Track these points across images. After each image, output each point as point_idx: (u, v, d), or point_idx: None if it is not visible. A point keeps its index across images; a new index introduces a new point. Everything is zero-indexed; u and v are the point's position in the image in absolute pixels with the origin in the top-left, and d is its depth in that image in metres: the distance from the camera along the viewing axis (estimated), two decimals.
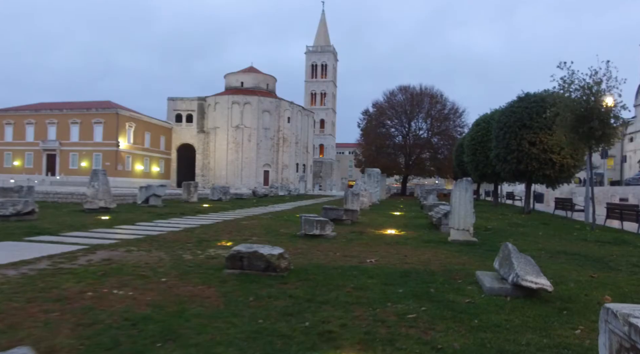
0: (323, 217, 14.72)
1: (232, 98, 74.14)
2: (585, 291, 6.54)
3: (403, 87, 54.75)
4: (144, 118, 70.25)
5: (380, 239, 11.45)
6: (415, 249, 9.80)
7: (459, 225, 10.95)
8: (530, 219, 18.60)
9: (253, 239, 10.85)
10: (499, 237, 12.64)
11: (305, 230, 11.27)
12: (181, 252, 8.81)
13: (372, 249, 9.69)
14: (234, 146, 74.26)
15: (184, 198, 23.83)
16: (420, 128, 55.94)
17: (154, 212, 17.28)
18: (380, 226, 14.62)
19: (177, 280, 6.48)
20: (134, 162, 68.42)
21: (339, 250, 9.49)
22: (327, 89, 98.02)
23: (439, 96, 54.07)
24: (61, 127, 66.05)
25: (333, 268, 7.51)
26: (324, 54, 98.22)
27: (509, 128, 21.29)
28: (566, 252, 10.18)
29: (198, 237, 10.98)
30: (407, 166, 54.45)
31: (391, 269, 7.57)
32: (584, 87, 14.63)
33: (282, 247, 9.92)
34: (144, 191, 19.99)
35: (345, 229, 13.37)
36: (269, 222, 14.72)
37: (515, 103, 21.63)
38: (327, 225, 11.35)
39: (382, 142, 54.41)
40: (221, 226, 13.55)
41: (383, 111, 55.32)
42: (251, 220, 15.51)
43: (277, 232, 12.34)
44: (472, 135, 29.61)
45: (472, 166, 29.49)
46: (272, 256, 6.83)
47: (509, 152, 21.29)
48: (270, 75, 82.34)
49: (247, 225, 13.89)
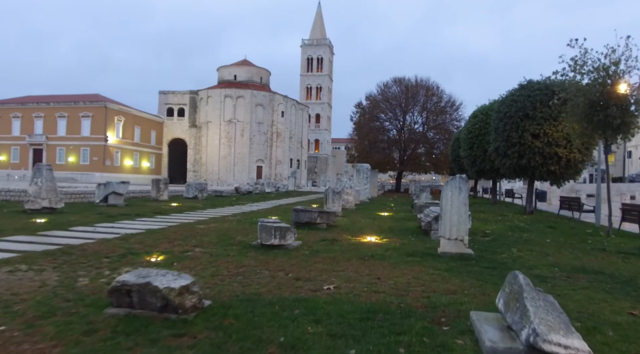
0: (294, 220, 12.53)
1: (224, 91, 71.75)
2: (635, 345, 4.33)
3: (398, 79, 52.01)
4: (134, 112, 67.87)
5: (354, 250, 9.22)
6: (393, 267, 7.57)
7: (451, 233, 8.73)
8: (533, 221, 16.38)
9: (195, 251, 8.64)
10: (500, 246, 10.42)
11: (261, 239, 9.05)
12: (83, 273, 6.61)
13: (338, 267, 7.47)
14: (226, 140, 71.96)
15: (153, 196, 21.58)
16: (415, 122, 53.32)
17: (107, 213, 15.04)
18: (359, 231, 12.39)
19: (24, 328, 4.27)
20: (123, 158, 66.11)
21: (294, 268, 7.27)
22: (322, 83, 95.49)
23: (435, 88, 51.45)
24: (48, 121, 63.66)
25: (269, 302, 5.28)
26: (319, 48, 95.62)
27: (509, 119, 19.02)
28: (585, 270, 7.97)
29: (128, 248, 8.77)
30: (402, 162, 51.92)
31: (352, 303, 5.34)
32: (598, 68, 12.37)
33: (225, 263, 7.77)
34: (102, 188, 17.72)
35: (316, 235, 11.13)
36: (230, 227, 12.50)
37: (517, 91, 19.34)
38: (289, 233, 9.12)
39: (375, 136, 51.80)
40: (170, 231, 11.32)
41: (377, 104, 52.54)
42: (211, 223, 13.28)
43: (231, 240, 10.11)
44: (469, 128, 27.32)
45: (469, 161, 27.22)
46: (170, 290, 4.60)
47: (510, 145, 19.03)
48: (264, 68, 79.92)
49: (203, 230, 11.66)
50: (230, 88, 72.39)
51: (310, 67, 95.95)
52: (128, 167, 66.91)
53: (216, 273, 6.89)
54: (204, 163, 73.27)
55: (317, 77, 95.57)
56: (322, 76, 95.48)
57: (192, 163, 74.08)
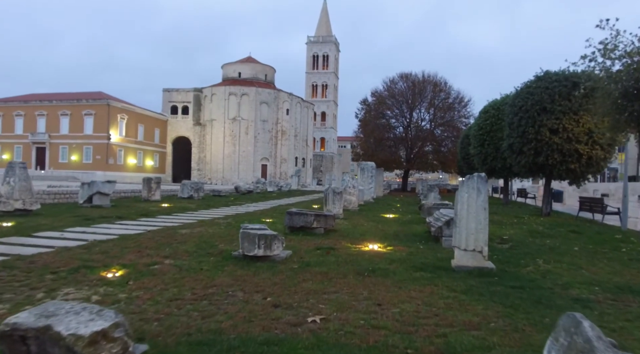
0: (287, 224, 11.12)
1: (229, 89, 70.46)
2: None
3: (404, 75, 49.99)
4: (137, 110, 66.80)
5: (352, 262, 7.80)
6: (398, 287, 6.13)
7: (467, 244, 7.27)
8: (553, 225, 14.84)
9: (163, 264, 7.26)
10: (523, 256, 8.94)
11: (243, 249, 7.65)
12: (8, 297, 5.25)
13: (330, 287, 6.04)
14: (230, 139, 70.70)
15: (144, 196, 20.25)
16: (422, 119, 51.32)
17: (87, 215, 13.71)
18: (361, 236, 10.95)
19: None
20: (127, 156, 65.08)
21: (276, 289, 5.86)
22: (328, 81, 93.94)
23: (442, 83, 49.55)
24: (51, 119, 62.74)
25: (228, 348, 3.87)
26: (325, 45, 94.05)
27: (525, 113, 17.46)
28: (632, 289, 6.48)
29: (86, 260, 7.41)
30: (409, 160, 50.20)
31: (341, 348, 3.92)
32: (632, 52, 10.83)
33: (193, 281, 6.19)
34: (85, 188, 16.39)
35: (310, 242, 9.71)
36: (216, 232, 11.10)
37: (533, 83, 17.75)
38: (276, 242, 7.71)
39: (381, 134, 50.06)
40: (146, 237, 9.93)
41: (383, 100, 50.62)
42: (197, 227, 11.89)
43: (212, 249, 8.72)
44: (479, 124, 25.71)
45: (480, 159, 25.63)
46: (77, 339, 3.20)
47: (525, 142, 17.47)
48: (269, 65, 78.53)
49: (183, 236, 10.28)
50: (234, 85, 71.08)
51: (316, 65, 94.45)
52: (132, 166, 65.87)
53: (177, 295, 5.50)
54: (209, 162, 72.07)
55: (322, 74, 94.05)
56: (328, 74, 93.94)
57: (197, 161, 72.91)
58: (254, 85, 71.64)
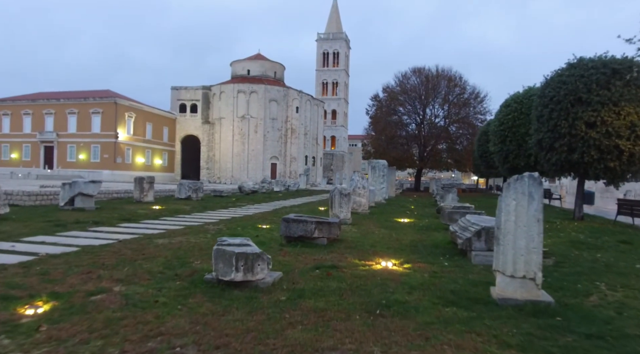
0: (283, 233, 9.26)
1: (237, 87, 68.85)
2: None
3: (417, 69, 47.37)
4: (145, 108, 65.51)
5: (359, 290, 5.91)
6: (424, 338, 4.21)
7: (516, 268, 5.35)
8: (594, 232, 12.75)
9: (109, 293, 5.44)
10: (578, 278, 6.95)
11: (217, 272, 5.81)
12: None
13: (325, 338, 4.16)
14: (239, 137, 69.13)
15: (136, 197, 18.52)
16: (436, 115, 48.77)
17: (61, 220, 11.98)
18: (372, 248, 9.04)
19: None
20: (135, 155, 63.81)
21: (247, 342, 4.00)
22: (339, 78, 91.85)
23: (457, 78, 46.88)
24: (58, 117, 61.71)
25: None
26: (335, 42, 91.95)
27: (557, 105, 15.36)
28: None
29: (14, 284, 5.65)
30: (422, 158, 47.92)
31: None
32: None
33: (133, 325, 4.11)
34: (66, 188, 14.68)
35: (309, 258, 7.83)
36: (199, 243, 9.28)
37: (566, 71, 15.62)
38: (259, 262, 5.85)
39: (393, 131, 47.81)
40: (110, 250, 8.13)
41: (394, 96, 48.04)
42: (178, 236, 10.06)
43: (182, 268, 6.88)
44: (500, 119, 23.56)
45: (500, 156, 23.49)
46: None
47: (557, 137, 15.37)
48: (278, 62, 76.75)
49: (157, 249, 8.47)
50: (243, 83, 69.47)
51: (326, 62, 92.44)
52: (140, 165, 64.59)
53: None
54: (218, 160, 70.58)
55: (333, 72, 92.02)
56: (339, 71, 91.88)
57: (206, 160, 71.47)
58: (263, 82, 69.95)
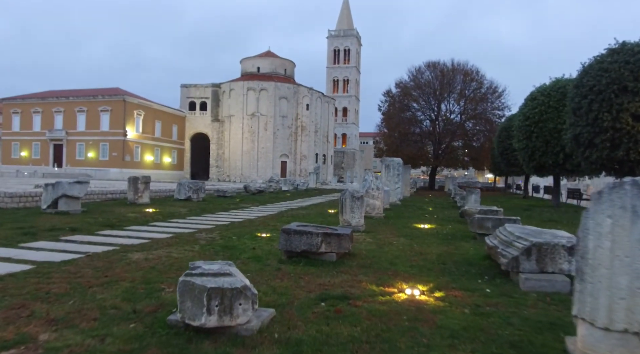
0: (283, 248, 7.56)
1: (247, 84, 67.34)
2: None
3: (431, 63, 44.94)
4: (154, 106, 64.32)
5: (380, 337, 4.16)
6: None
7: (612, 318, 3.58)
8: None
9: (35, 343, 3.78)
10: None
11: (183, 313, 4.12)
12: None
13: None
14: (249, 135, 67.64)
15: (130, 199, 16.95)
16: (451, 111, 46.38)
17: (34, 226, 10.43)
18: (391, 266, 7.29)
19: None
20: (144, 153, 62.65)
21: None
22: (350, 76, 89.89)
23: (474, 72, 44.45)
24: (68, 115, 60.80)
25: None
26: (346, 38, 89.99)
27: (597, 95, 13.47)
28: None
29: None
30: (437, 156, 45.84)
31: None
32: None
33: None
34: (49, 190, 13.14)
35: (312, 282, 6.10)
36: (182, 258, 7.59)
37: (607, 57, 13.72)
38: (241, 300, 4.14)
39: (406, 128, 45.78)
40: (68, 271, 6.48)
41: (408, 92, 45.80)
42: (160, 249, 8.39)
43: (146, 301, 5.18)
44: (525, 113, 21.57)
45: (526, 154, 21.50)
46: None
47: (598, 131, 13.48)
48: (289, 59, 75.09)
49: (128, 266, 6.80)
50: (253, 80, 67.95)
51: (337, 59, 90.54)
52: (149, 163, 63.43)
53: None
54: (227, 158, 69.19)
55: (344, 69, 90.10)
56: (350, 68, 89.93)
57: (215, 158, 70.10)
58: (272, 79, 68.36)
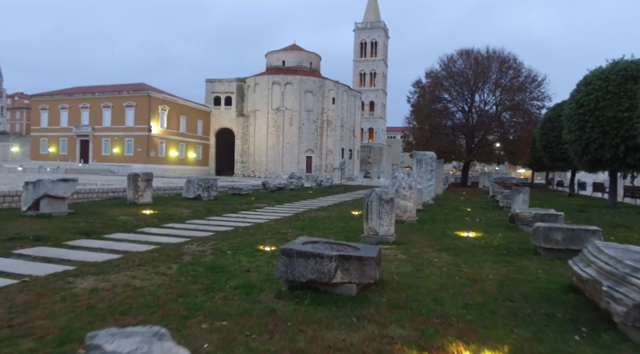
0: (283, 276, 5.32)
1: (272, 78, 65.39)
2: None
3: (464, 51, 41.73)
4: (179, 101, 63.12)
5: None
6: None
7: None
8: None
9: None
10: None
11: None
12: None
13: None
14: (274, 130, 65.75)
15: (129, 198, 15.02)
16: (486, 102, 42.83)
17: None
18: (436, 307, 4.90)
19: None
20: (168, 148, 61.55)
21: None
22: (377, 69, 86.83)
23: (511, 60, 40.74)
24: (94, 111, 60.26)
25: None
26: (373, 31, 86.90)
27: None
28: None
29: None
30: (470, 150, 42.71)
31: None
32: None
33: None
34: (30, 189, 11.31)
35: (321, 339, 3.81)
36: (148, 287, 5.43)
37: None
38: None
39: (437, 120, 42.63)
40: None
41: (439, 82, 42.57)
42: (128, 269, 6.26)
43: None
44: (578, 100, 18.63)
45: (578, 147, 18.61)
46: None
47: None
48: (314, 52, 72.71)
49: (67, 299, 4.67)
50: (278, 74, 65.95)
51: (364, 52, 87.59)
52: (173, 159, 62.35)
53: None
54: (252, 154, 67.54)
55: (371, 62, 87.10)
56: (377, 61, 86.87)
57: (240, 154, 68.55)
58: (298, 73, 66.19)
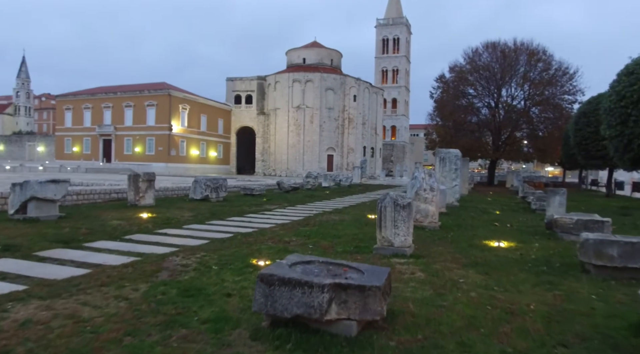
0: (262, 309, 4.04)
1: (292, 76, 64.40)
2: None
3: (490, 44, 39.30)
4: (200, 100, 62.76)
5: None
6: None
7: None
8: None
9: None
10: None
11: None
12: None
13: None
14: (295, 128, 64.76)
15: (130, 200, 14.07)
16: (514, 97, 40.31)
17: None
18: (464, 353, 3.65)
19: None
20: (189, 147, 61.25)
21: None
22: (399, 65, 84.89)
23: (540, 52, 38.18)
24: (116, 111, 60.45)
25: None
26: (395, 27, 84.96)
27: None
28: None
29: None
30: (497, 148, 40.75)
31: None
32: None
33: None
34: (17, 191, 10.44)
35: None
36: (98, 317, 4.31)
37: None
38: None
39: (462, 116, 40.45)
40: None
41: (464, 76, 40.35)
42: (87, 291, 5.11)
43: None
44: (619, 91, 16.85)
45: (620, 143, 16.82)
46: None
47: None
48: (335, 49, 71.37)
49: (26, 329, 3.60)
50: (298, 72, 64.92)
51: (386, 49, 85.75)
52: (194, 157, 62.05)
53: None
54: (273, 152, 66.74)
55: (393, 58, 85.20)
56: (399, 58, 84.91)
57: (261, 152, 67.85)
58: (318, 70, 64.99)
